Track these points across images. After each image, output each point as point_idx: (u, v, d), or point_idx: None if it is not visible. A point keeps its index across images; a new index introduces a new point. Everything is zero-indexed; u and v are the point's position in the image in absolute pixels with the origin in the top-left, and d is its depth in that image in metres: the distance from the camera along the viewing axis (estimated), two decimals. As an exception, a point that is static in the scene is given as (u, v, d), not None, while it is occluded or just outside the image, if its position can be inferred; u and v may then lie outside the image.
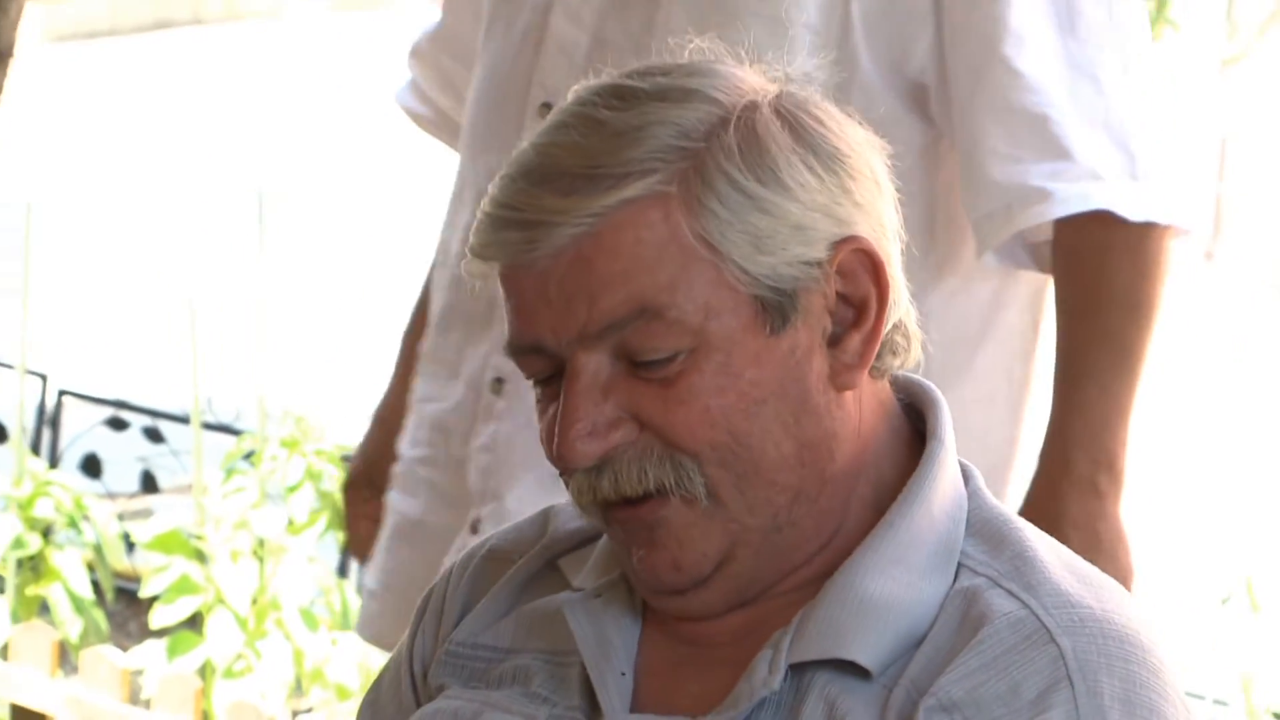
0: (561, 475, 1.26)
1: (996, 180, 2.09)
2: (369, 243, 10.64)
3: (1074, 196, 2.08)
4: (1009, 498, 2.29)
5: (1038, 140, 2.14)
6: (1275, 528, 5.93)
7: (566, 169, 1.19)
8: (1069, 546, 1.82)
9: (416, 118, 2.68)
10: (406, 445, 2.61)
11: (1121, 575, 2.08)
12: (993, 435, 2.38)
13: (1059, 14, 2.26)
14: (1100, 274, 2.24)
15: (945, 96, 2.26)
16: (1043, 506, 2.14)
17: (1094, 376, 2.25)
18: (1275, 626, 4.61)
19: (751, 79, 1.24)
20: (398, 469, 2.62)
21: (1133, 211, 2.17)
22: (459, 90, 2.54)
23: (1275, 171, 8.65)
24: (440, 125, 2.67)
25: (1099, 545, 2.12)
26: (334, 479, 4.80)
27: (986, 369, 2.40)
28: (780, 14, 2.20)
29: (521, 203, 1.20)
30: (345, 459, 4.24)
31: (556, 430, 1.22)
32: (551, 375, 1.22)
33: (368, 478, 2.69)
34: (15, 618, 4.69)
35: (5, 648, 4.10)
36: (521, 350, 1.23)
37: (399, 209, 10.63)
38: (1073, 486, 2.17)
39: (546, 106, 2.23)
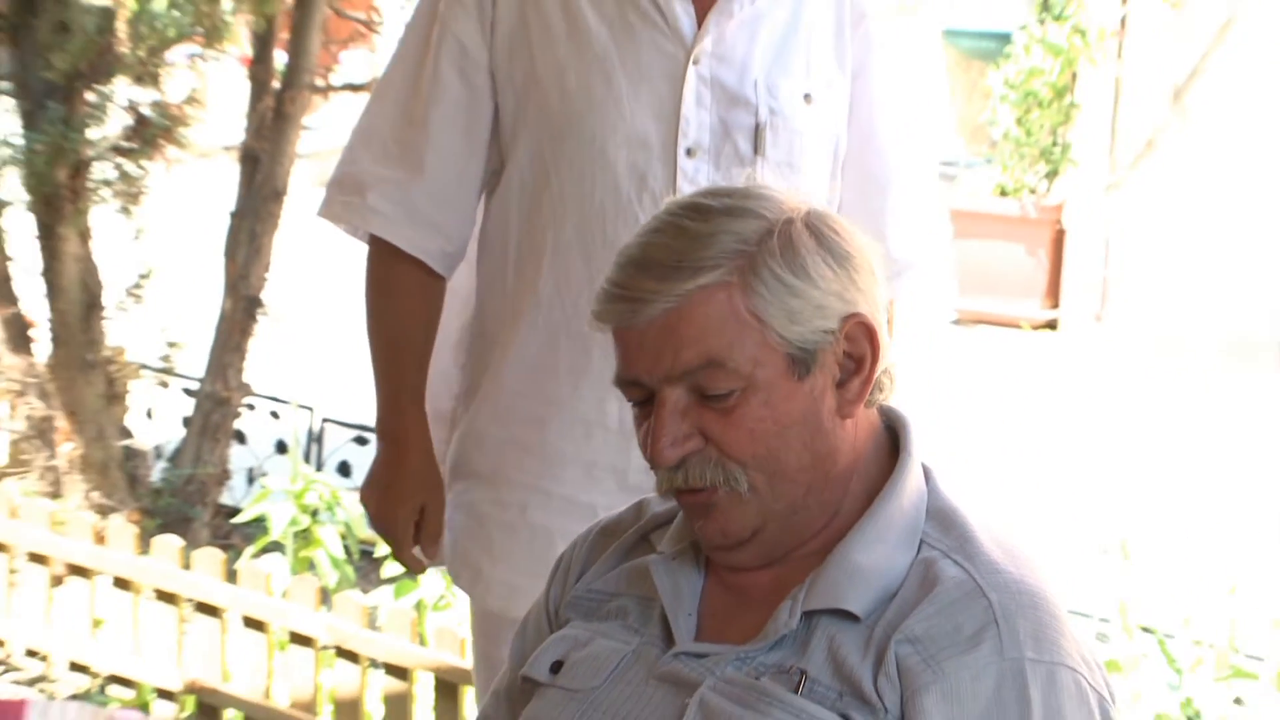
0: (653, 469, 1.29)
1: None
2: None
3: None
4: None
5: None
6: (1143, 502, 5.53)
7: (660, 261, 1.20)
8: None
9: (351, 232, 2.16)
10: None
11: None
12: None
13: None
14: None
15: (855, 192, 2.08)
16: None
17: None
18: (1143, 571, 4.04)
19: (790, 201, 1.25)
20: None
21: None
22: (438, 228, 2.09)
23: (1144, 263, 8.11)
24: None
25: None
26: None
27: None
28: (836, 150, 2.03)
29: (629, 284, 1.22)
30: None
31: (649, 441, 1.25)
32: (644, 400, 1.25)
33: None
34: (293, 571, 4.33)
35: (286, 592, 3.85)
36: (625, 383, 1.26)
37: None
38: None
39: (690, 151, 1.98)
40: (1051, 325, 8.04)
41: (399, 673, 3.48)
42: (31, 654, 4.07)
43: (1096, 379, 7.17)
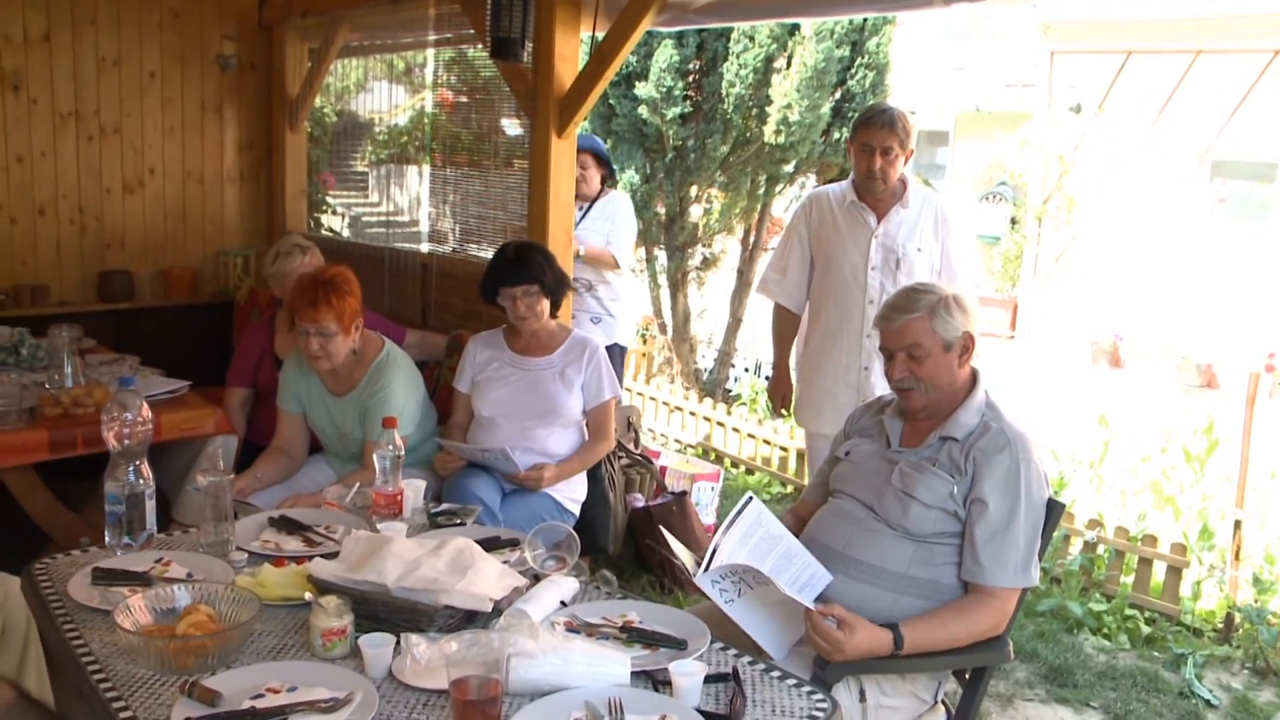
0: (889, 381, 2.04)
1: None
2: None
3: None
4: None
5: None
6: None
7: (900, 306, 2.02)
8: None
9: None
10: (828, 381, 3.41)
11: None
12: None
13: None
14: None
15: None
16: None
17: None
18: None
19: (947, 289, 2.00)
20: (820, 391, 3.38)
21: None
22: (793, 297, 3.54)
23: (1044, 316, 11.94)
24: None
25: None
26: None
27: None
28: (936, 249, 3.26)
29: (888, 314, 2.04)
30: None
31: (890, 371, 1.99)
32: (889, 356, 2.02)
33: (782, 394, 3.68)
34: (749, 412, 6.23)
35: (741, 415, 5.95)
36: (883, 348, 1.99)
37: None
38: None
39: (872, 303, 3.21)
40: (1011, 337, 12.26)
41: (783, 449, 5.69)
42: (661, 435, 6.35)
43: (1028, 358, 11.24)
